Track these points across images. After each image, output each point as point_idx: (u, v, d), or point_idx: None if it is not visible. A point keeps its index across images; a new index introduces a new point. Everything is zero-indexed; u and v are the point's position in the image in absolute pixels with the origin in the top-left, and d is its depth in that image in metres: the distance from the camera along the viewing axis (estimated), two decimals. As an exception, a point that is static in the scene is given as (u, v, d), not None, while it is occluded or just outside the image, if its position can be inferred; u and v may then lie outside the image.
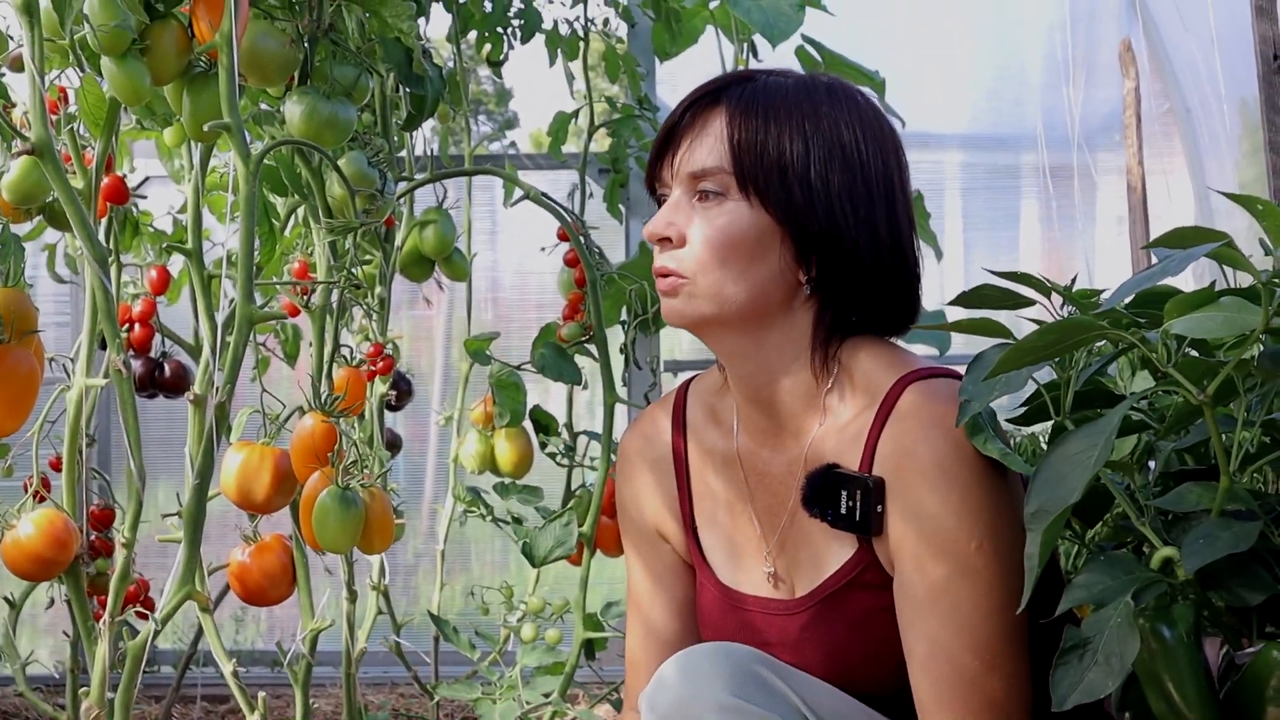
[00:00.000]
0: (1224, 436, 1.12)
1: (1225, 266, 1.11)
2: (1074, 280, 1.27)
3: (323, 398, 1.62)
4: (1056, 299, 1.24)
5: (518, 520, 2.22)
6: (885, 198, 1.35)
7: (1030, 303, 1.24)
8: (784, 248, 1.33)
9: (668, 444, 1.51)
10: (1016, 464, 1.23)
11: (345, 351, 1.85)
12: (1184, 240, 1.08)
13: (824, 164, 1.32)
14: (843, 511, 1.33)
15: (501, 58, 2.40)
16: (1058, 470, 1.10)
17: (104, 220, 1.82)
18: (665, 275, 1.36)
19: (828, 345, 1.37)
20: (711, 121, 1.35)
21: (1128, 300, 1.16)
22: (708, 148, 1.34)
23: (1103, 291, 1.38)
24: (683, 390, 1.53)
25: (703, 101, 1.36)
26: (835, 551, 1.37)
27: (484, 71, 3.34)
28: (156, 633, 1.49)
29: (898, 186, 1.37)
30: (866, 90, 1.41)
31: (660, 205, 1.40)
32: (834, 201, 1.32)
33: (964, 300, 1.25)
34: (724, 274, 1.33)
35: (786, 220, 1.32)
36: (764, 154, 1.32)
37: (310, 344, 1.85)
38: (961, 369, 1.29)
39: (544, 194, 2.02)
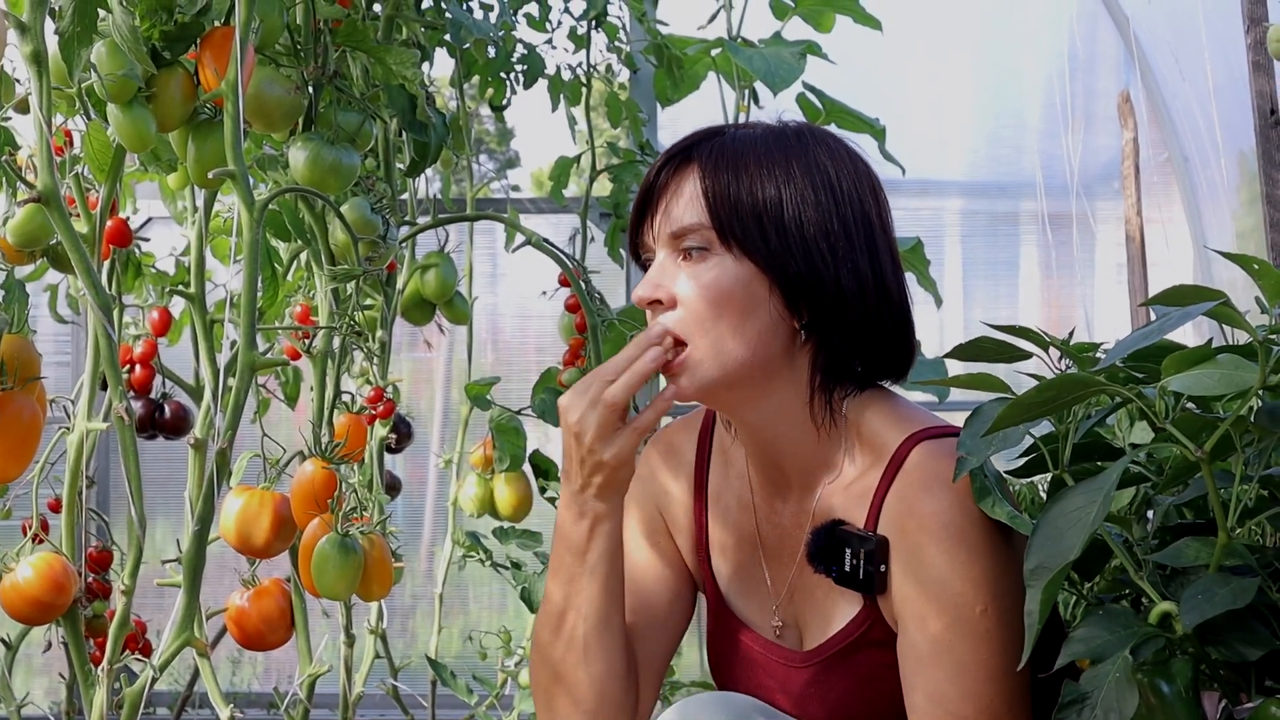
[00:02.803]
0: (1222, 492, 1.12)
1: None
2: (1071, 334, 1.26)
3: (323, 444, 1.62)
4: (1054, 351, 1.24)
5: (516, 565, 2.22)
6: (865, 236, 1.34)
7: (1027, 355, 1.24)
8: (773, 296, 1.32)
9: (689, 479, 1.50)
10: (1024, 527, 1.21)
11: (346, 398, 1.84)
12: (1182, 298, 1.08)
13: (797, 206, 1.31)
14: (846, 569, 1.32)
15: (504, 102, 2.41)
16: (1056, 527, 1.10)
17: (106, 262, 1.83)
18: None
19: (827, 391, 1.36)
20: (685, 180, 1.35)
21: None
22: (684, 206, 1.34)
23: (1101, 344, 1.38)
24: (709, 417, 1.52)
25: (675, 161, 1.36)
26: (843, 608, 1.37)
27: (485, 111, 3.36)
28: (154, 680, 1.48)
29: (877, 223, 1.35)
30: (841, 132, 1.41)
31: (645, 270, 1.40)
32: (810, 242, 1.31)
33: (961, 353, 1.25)
34: (719, 330, 1.31)
35: (769, 267, 1.31)
36: (738, 203, 1.31)
37: (311, 387, 1.85)
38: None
39: (545, 239, 2.03)
